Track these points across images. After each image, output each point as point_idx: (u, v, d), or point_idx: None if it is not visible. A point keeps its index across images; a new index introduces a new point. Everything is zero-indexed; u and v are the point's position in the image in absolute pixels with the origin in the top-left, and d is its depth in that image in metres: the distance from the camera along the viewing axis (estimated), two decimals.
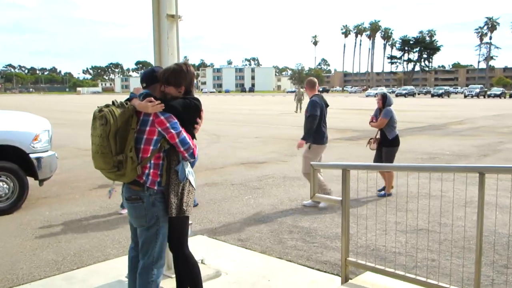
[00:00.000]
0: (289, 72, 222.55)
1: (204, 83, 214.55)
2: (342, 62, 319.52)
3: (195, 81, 3.99)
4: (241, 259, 5.76)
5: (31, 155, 8.28)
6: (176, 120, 3.69)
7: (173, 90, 3.80)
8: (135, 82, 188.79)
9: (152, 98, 3.67)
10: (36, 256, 6.01)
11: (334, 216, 7.69)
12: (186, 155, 3.75)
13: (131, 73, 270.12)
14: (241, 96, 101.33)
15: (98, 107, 3.67)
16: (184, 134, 3.71)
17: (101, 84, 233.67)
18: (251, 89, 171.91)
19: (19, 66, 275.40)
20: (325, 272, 5.36)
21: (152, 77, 3.89)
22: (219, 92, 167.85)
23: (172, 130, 3.66)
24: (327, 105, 8.51)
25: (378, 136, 9.20)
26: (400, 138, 9.34)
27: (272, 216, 7.75)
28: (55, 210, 8.32)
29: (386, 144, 9.06)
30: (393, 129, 9.06)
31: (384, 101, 9.15)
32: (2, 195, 8.05)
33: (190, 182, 3.82)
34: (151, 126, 3.68)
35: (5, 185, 8.07)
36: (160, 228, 3.76)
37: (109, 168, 3.63)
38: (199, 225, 7.24)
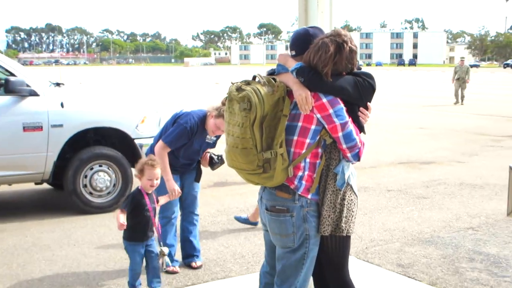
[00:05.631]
0: (467, 38, 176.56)
1: None
2: None
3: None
4: None
5: (137, 141, 6.80)
6: (342, 106, 2.86)
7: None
8: (257, 51, 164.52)
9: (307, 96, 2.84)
10: None
11: None
12: (348, 154, 2.91)
13: (251, 38, 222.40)
14: (398, 71, 77.23)
15: (233, 83, 2.91)
16: (351, 126, 2.89)
17: (214, 54, 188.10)
18: (412, 62, 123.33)
19: (117, 31, 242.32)
20: None
21: (306, 41, 2.93)
22: (368, 65, 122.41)
23: (336, 120, 2.84)
24: None
25: None
26: None
27: (445, 236, 5.92)
28: None
29: None
30: None
31: None
32: (103, 189, 6.70)
33: (351, 189, 3.00)
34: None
35: (106, 177, 6.70)
36: (309, 251, 2.97)
37: (252, 169, 2.85)
38: None
